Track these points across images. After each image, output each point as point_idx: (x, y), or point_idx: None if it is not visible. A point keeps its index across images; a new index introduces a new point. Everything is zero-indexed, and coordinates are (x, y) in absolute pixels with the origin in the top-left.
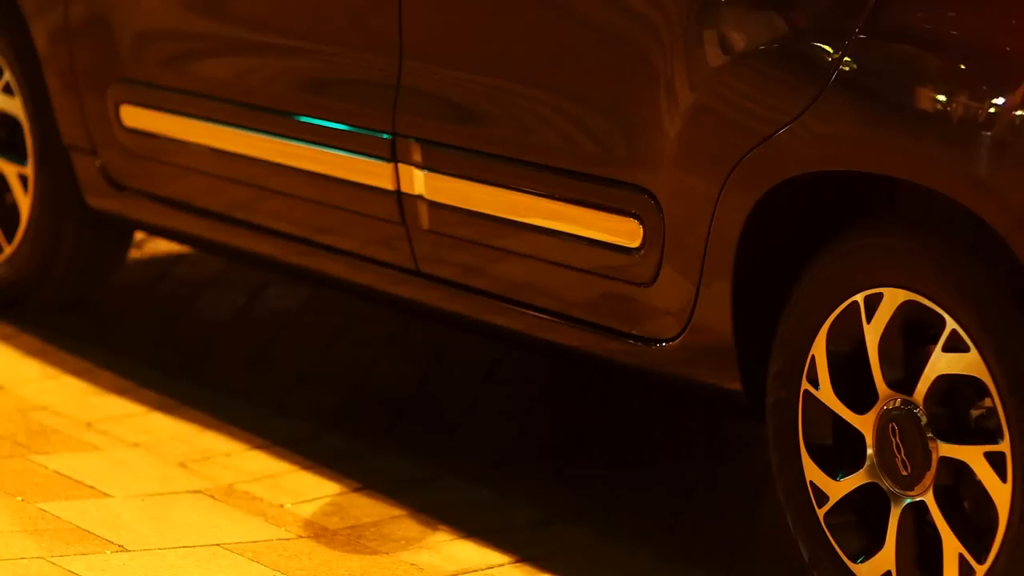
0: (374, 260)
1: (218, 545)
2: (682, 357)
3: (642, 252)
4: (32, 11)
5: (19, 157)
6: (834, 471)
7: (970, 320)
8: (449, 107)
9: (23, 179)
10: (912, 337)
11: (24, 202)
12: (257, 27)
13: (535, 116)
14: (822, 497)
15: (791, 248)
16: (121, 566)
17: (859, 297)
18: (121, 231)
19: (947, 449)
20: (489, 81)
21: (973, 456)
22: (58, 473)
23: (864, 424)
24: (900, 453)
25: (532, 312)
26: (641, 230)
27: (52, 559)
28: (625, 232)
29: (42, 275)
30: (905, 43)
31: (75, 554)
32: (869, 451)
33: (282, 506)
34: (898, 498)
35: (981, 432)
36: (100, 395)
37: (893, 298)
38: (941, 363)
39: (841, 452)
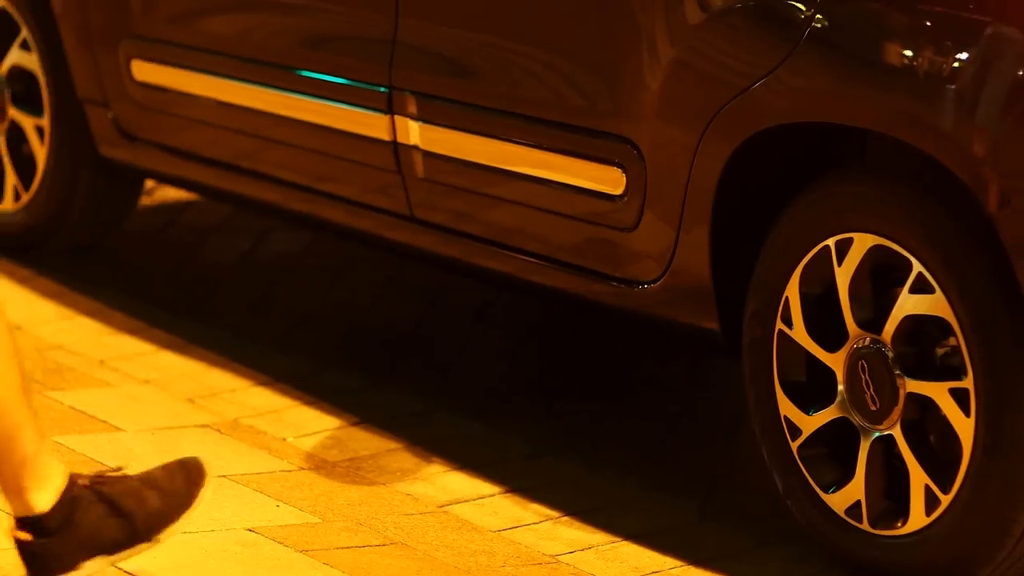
0: (372, 207)
1: (224, 476)
2: (663, 298)
3: (625, 199)
4: None
5: (36, 109)
6: (807, 406)
7: (935, 263)
8: (442, 62)
9: (39, 130)
10: (880, 279)
11: (40, 152)
12: None
13: (524, 70)
14: (795, 431)
15: (767, 196)
16: None
17: (830, 242)
18: (132, 180)
19: (914, 385)
20: (480, 37)
21: (938, 392)
22: (73, 408)
23: (835, 362)
24: (869, 389)
25: (521, 256)
26: (624, 178)
27: None
28: (609, 180)
29: (58, 221)
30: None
31: None
32: (840, 387)
33: (284, 440)
34: (867, 432)
35: (946, 369)
36: (113, 335)
37: (862, 242)
38: (908, 304)
39: (813, 388)
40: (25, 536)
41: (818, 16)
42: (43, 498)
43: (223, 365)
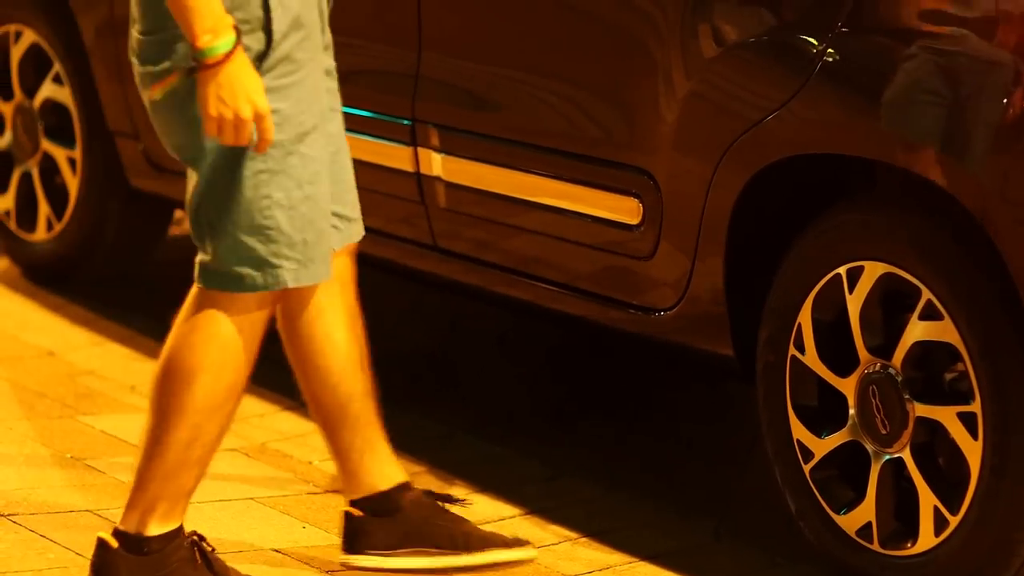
0: (396, 236)
1: (251, 499)
2: (679, 325)
3: (642, 229)
4: (80, 6)
5: (68, 141)
6: (819, 430)
7: (943, 290)
8: (464, 95)
9: (72, 162)
10: (890, 306)
11: (73, 183)
12: None
13: (543, 103)
14: (808, 454)
15: (780, 225)
16: None
17: (842, 270)
18: (161, 209)
19: (923, 410)
20: (501, 71)
21: (947, 416)
22: (104, 433)
23: (846, 386)
24: (880, 413)
25: (541, 284)
26: (641, 208)
27: (98, 512)
28: (626, 210)
29: (89, 250)
30: (883, 36)
31: (120, 507)
32: (851, 411)
33: (310, 463)
34: (878, 455)
35: (954, 394)
36: (143, 360)
37: (873, 270)
38: (917, 330)
39: (825, 412)
40: (356, 512)
41: (829, 51)
42: (382, 482)
43: (250, 390)
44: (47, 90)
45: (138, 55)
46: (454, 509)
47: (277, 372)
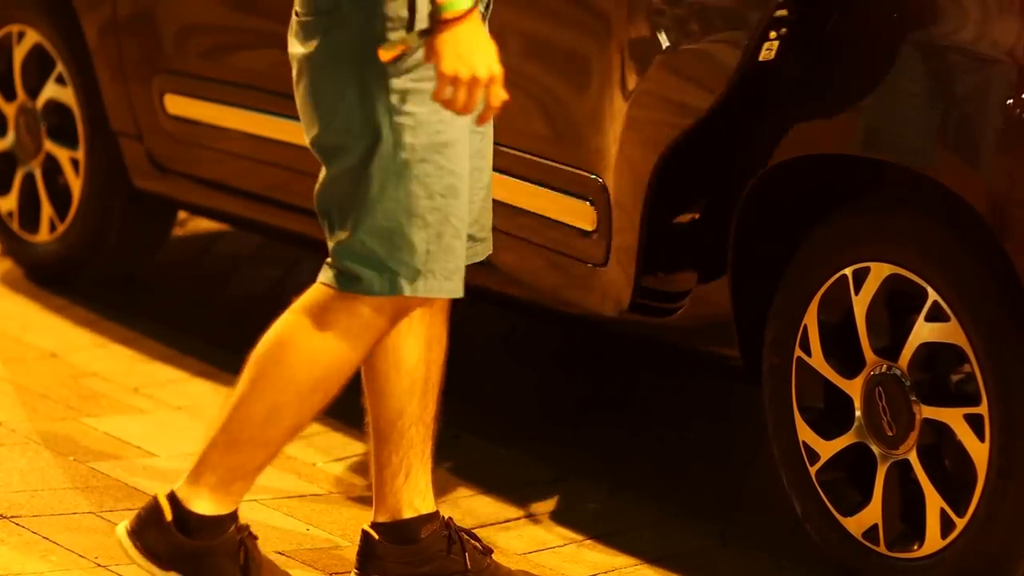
0: None
1: (255, 500)
2: (688, 327)
3: (595, 236)
4: (83, 6)
5: (71, 142)
6: (825, 432)
7: (950, 292)
8: None
9: (75, 163)
10: (896, 307)
11: (76, 184)
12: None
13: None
14: (814, 456)
15: (788, 226)
16: None
17: (848, 271)
18: (165, 210)
19: (929, 411)
20: None
21: (953, 418)
22: (108, 435)
23: (852, 388)
24: (886, 415)
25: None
26: (595, 214)
27: (102, 514)
28: (581, 215)
29: (92, 251)
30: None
31: (123, 509)
32: (857, 413)
33: (314, 464)
34: (884, 457)
35: (961, 395)
36: (146, 362)
37: (879, 271)
38: (924, 332)
39: (831, 414)
40: (374, 534)
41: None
42: (407, 510)
43: None
44: (50, 91)
45: (296, 37)
46: (477, 546)
47: None
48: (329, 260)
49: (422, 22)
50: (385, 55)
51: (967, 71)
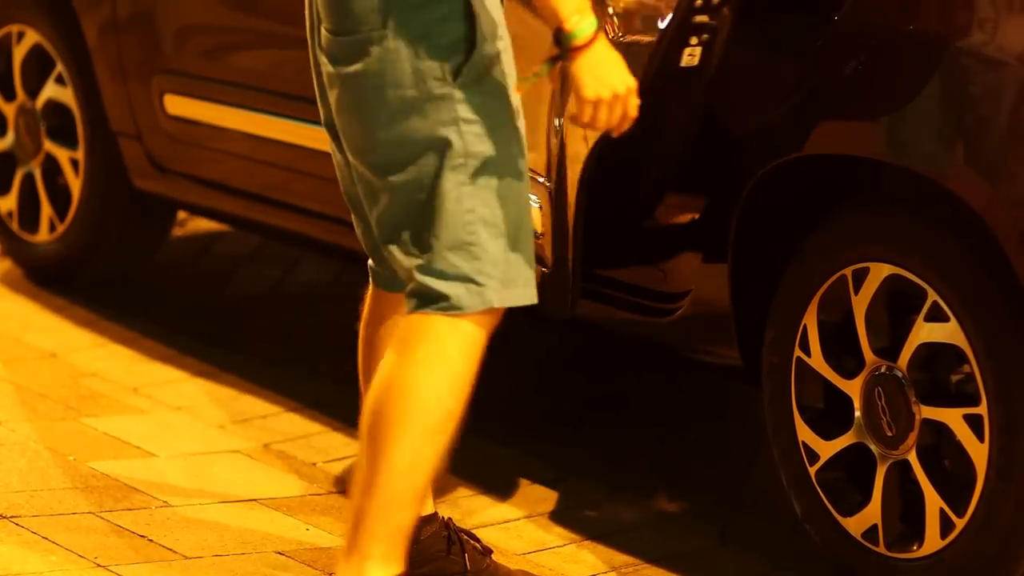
0: None
1: (255, 500)
2: (686, 327)
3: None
4: (83, 6)
5: (71, 142)
6: (824, 432)
7: (950, 292)
8: None
9: (74, 163)
10: (896, 308)
11: (75, 184)
12: (289, 21)
13: None
14: (813, 456)
15: (787, 227)
16: (165, 520)
17: (847, 271)
18: (165, 211)
19: (929, 412)
20: None
21: (953, 418)
22: (107, 434)
23: (852, 388)
24: (885, 415)
25: None
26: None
27: (101, 514)
28: None
29: (92, 251)
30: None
31: (123, 509)
32: (857, 413)
33: (314, 464)
34: (884, 457)
35: (960, 396)
36: (146, 362)
37: (878, 272)
38: (923, 332)
39: (831, 414)
40: None
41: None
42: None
43: (254, 392)
44: (49, 91)
45: (328, 54)
46: (476, 546)
47: (280, 374)
48: (411, 288)
49: (489, 38)
50: (521, 89)
51: (970, 72)
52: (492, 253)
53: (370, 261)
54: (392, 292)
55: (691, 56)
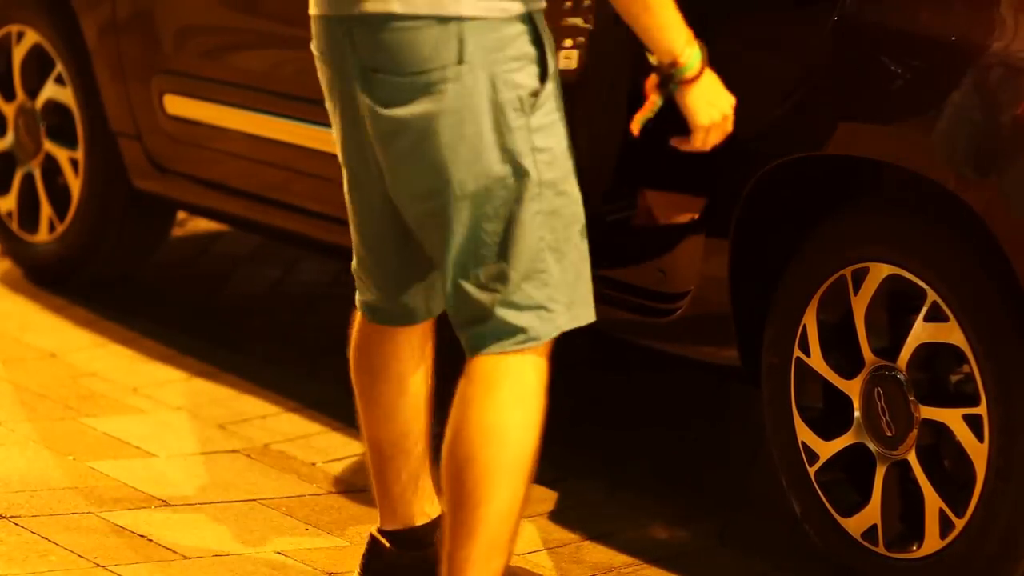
0: None
1: (255, 500)
2: (686, 328)
3: None
4: (82, 6)
5: (70, 143)
6: (824, 432)
7: (949, 292)
8: None
9: (74, 163)
10: (896, 308)
11: (75, 184)
12: (289, 22)
13: None
14: (813, 456)
15: (787, 226)
16: (165, 520)
17: (847, 271)
18: (164, 211)
19: (928, 412)
20: None
21: (952, 418)
22: (107, 434)
23: (851, 388)
24: (885, 415)
25: None
26: None
27: (101, 513)
28: None
29: (91, 251)
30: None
31: (122, 509)
32: (856, 414)
33: (313, 464)
34: (883, 457)
35: (960, 396)
36: (145, 362)
37: (878, 272)
38: (922, 332)
39: (830, 415)
40: (385, 543)
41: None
42: (418, 518)
43: (253, 392)
44: (49, 91)
45: (382, 98)
46: None
47: (280, 374)
48: (489, 327)
49: (552, 62)
50: (637, 126)
51: (971, 72)
52: (558, 278)
53: (365, 297)
54: (397, 327)
55: (567, 59)
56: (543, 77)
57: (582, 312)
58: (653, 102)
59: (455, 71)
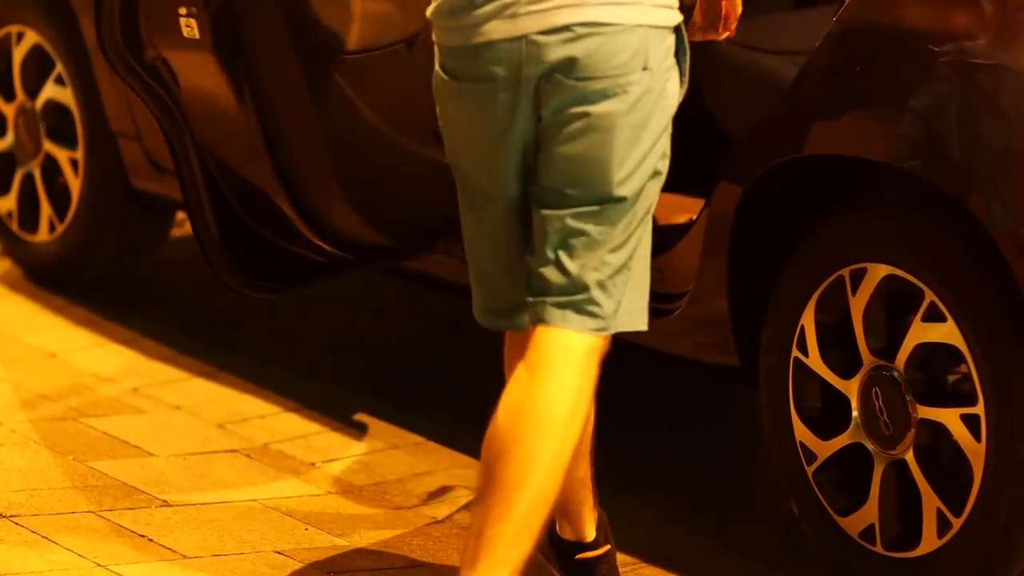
0: None
1: (254, 500)
2: (685, 328)
3: None
4: (82, 7)
5: (70, 143)
6: (822, 432)
7: (947, 292)
8: None
9: (74, 163)
10: (893, 308)
11: (75, 184)
12: None
13: None
14: (811, 456)
15: (785, 227)
16: (165, 519)
17: (845, 271)
18: (164, 211)
19: (926, 412)
20: None
21: (950, 418)
22: (106, 434)
23: (849, 388)
24: (883, 415)
25: None
26: None
27: (101, 513)
28: None
29: (91, 251)
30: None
31: (122, 508)
32: (854, 413)
33: (313, 464)
34: (881, 457)
35: (957, 396)
36: (145, 362)
37: (875, 272)
38: (920, 332)
39: (828, 414)
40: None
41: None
42: (590, 531)
43: (253, 392)
44: (49, 91)
45: (576, 97)
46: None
47: (280, 374)
48: (574, 300)
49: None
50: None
51: (967, 73)
52: (639, 278)
53: (511, 314)
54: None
55: (189, 28)
56: (682, 75)
57: (639, 318)
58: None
59: (640, 76)
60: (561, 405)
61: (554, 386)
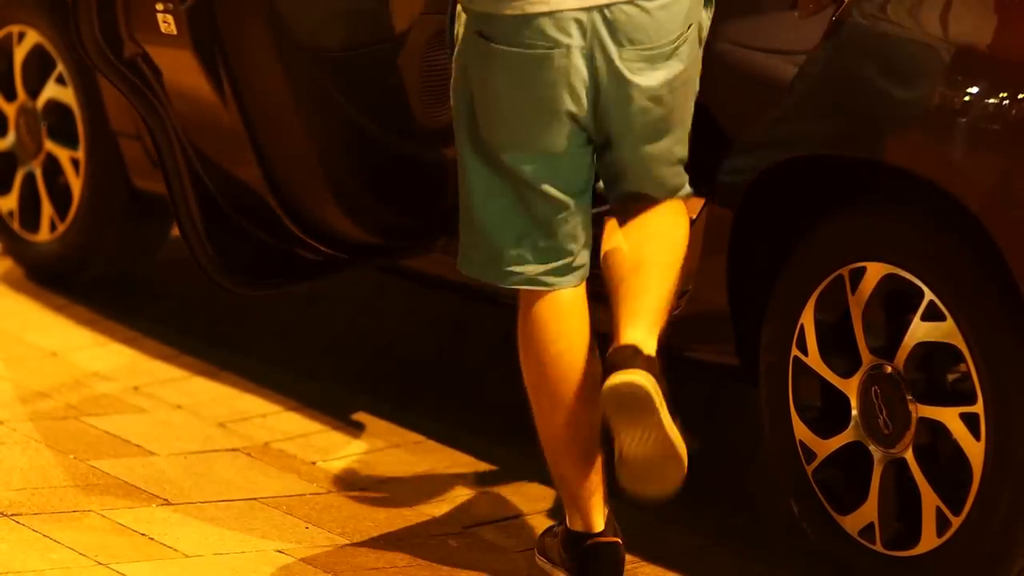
0: None
1: (255, 499)
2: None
3: None
4: None
5: (71, 142)
6: (821, 431)
7: (946, 291)
8: None
9: (75, 162)
10: (893, 307)
11: (76, 183)
12: None
13: None
14: (810, 455)
15: (784, 226)
16: (165, 518)
17: (844, 271)
18: (164, 210)
19: (925, 410)
20: None
21: (949, 417)
22: (108, 433)
23: (849, 387)
24: (882, 414)
25: None
26: None
27: (102, 512)
28: None
29: (92, 251)
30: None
31: (123, 507)
32: (853, 412)
33: (313, 463)
34: (880, 456)
35: (957, 395)
36: (146, 361)
37: (875, 271)
38: (920, 331)
39: (828, 413)
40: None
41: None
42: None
43: (253, 391)
44: (50, 91)
45: (659, 62)
46: None
47: (280, 373)
48: (679, 182)
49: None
50: None
51: (967, 72)
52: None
53: (549, 278)
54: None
55: (167, 24)
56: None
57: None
58: None
59: (685, 36)
60: (683, 232)
61: (678, 223)
